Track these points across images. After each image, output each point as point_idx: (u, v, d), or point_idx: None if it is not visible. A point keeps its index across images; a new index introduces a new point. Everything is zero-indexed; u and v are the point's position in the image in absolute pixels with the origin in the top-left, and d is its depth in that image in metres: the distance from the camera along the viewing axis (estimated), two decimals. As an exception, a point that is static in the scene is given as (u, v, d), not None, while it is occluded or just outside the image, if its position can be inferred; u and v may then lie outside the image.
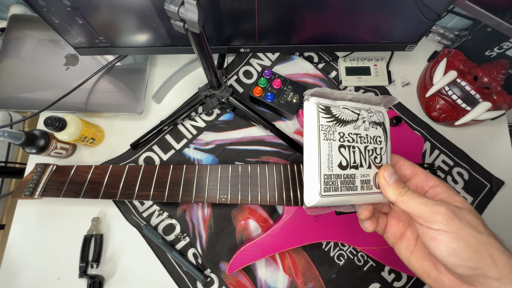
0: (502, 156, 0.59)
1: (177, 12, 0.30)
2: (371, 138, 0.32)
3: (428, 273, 0.28)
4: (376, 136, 0.32)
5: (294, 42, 0.54)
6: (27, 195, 0.50)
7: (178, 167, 0.52)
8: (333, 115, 0.30)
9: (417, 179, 0.31)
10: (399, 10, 0.47)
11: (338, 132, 0.30)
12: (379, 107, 0.34)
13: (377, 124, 0.32)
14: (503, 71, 0.51)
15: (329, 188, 0.29)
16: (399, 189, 0.29)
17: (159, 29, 0.49)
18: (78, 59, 0.61)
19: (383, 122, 0.33)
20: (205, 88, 0.53)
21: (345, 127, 0.30)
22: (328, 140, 0.30)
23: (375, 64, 0.63)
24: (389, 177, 0.30)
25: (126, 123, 0.61)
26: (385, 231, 0.33)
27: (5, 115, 1.03)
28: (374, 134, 0.32)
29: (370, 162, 0.31)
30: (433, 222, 0.25)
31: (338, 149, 0.30)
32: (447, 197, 0.28)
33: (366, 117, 0.32)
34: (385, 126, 0.33)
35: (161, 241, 0.52)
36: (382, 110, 0.33)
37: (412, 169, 0.32)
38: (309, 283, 0.51)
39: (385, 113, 0.34)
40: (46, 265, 0.53)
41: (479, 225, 0.25)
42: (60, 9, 0.44)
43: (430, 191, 0.30)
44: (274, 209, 0.55)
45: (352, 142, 0.31)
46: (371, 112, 0.32)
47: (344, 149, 0.30)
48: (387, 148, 0.33)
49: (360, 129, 0.31)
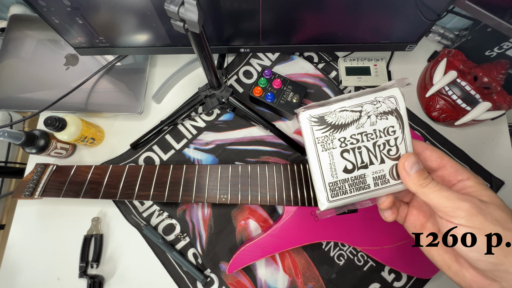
0: (502, 156, 0.59)
1: (177, 12, 0.30)
2: (380, 131, 0.30)
3: (449, 266, 0.28)
4: (387, 128, 0.30)
5: (294, 42, 0.54)
6: (27, 195, 0.50)
7: (178, 167, 0.52)
8: (329, 123, 0.30)
9: (445, 172, 0.29)
10: (399, 10, 0.47)
11: (338, 138, 0.30)
12: (390, 90, 0.31)
13: (387, 114, 0.30)
14: (503, 71, 0.51)
15: (336, 194, 0.29)
16: (420, 180, 0.27)
17: (159, 29, 0.49)
18: (78, 59, 0.61)
19: (396, 108, 0.30)
20: (205, 88, 0.53)
21: (346, 131, 0.30)
22: (327, 150, 0.29)
23: (375, 64, 0.63)
24: (410, 167, 0.28)
25: (126, 123, 0.61)
26: (405, 220, 0.32)
27: (5, 115, 1.03)
28: (385, 125, 0.30)
29: (383, 157, 0.30)
30: (454, 217, 0.25)
31: (340, 155, 0.30)
32: (475, 191, 0.27)
33: (371, 111, 0.30)
34: (399, 113, 0.30)
35: (161, 241, 0.52)
36: (394, 93, 0.30)
37: (440, 161, 0.29)
38: (309, 283, 0.51)
39: (398, 96, 0.30)
40: (46, 265, 0.53)
41: (507, 221, 0.24)
42: (60, 9, 0.44)
43: (458, 185, 0.28)
44: (274, 209, 0.55)
45: (356, 143, 0.30)
46: (378, 103, 0.30)
47: (348, 153, 0.30)
48: (405, 135, 0.30)
49: (365, 127, 0.30)
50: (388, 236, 0.49)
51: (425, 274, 0.49)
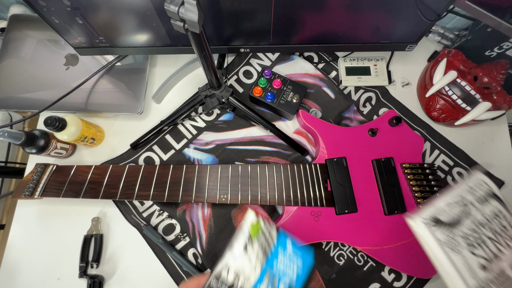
0: (502, 156, 0.59)
1: (177, 12, 0.30)
2: (490, 217, 0.28)
3: None
4: (494, 211, 0.28)
5: (294, 42, 0.54)
6: (27, 195, 0.50)
7: (178, 167, 0.52)
8: (444, 221, 0.27)
9: None
10: (399, 10, 0.47)
11: (460, 235, 0.27)
12: (475, 176, 0.30)
13: (487, 197, 0.29)
14: (503, 71, 0.51)
15: None
16: None
17: (159, 29, 0.49)
18: (78, 59, 0.61)
19: (492, 191, 0.29)
20: (205, 88, 0.53)
21: (462, 224, 0.28)
22: (456, 251, 0.27)
23: (375, 64, 0.63)
24: None
25: (126, 123, 0.61)
26: None
27: (5, 115, 1.03)
28: (491, 210, 0.29)
29: (507, 242, 0.28)
30: None
31: (470, 252, 0.27)
32: None
33: (472, 199, 0.28)
34: (495, 195, 0.29)
35: (161, 241, 0.52)
36: (481, 178, 0.30)
37: None
38: (309, 283, 0.51)
39: (486, 179, 0.30)
40: (46, 265, 0.53)
41: None
42: (60, 9, 0.44)
43: None
44: (274, 209, 0.55)
45: (477, 234, 0.27)
46: (473, 189, 0.29)
47: (475, 248, 0.27)
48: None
49: (476, 215, 0.28)
50: (388, 236, 0.49)
51: (425, 274, 0.49)
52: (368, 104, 0.61)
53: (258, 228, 0.30)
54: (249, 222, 0.30)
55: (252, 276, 0.28)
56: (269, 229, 0.30)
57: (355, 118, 0.60)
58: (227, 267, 0.28)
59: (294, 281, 0.30)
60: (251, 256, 0.29)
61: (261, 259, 0.29)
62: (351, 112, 0.60)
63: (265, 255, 0.29)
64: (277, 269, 0.29)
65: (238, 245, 0.29)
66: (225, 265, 0.28)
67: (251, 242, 0.29)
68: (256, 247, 0.29)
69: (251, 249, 0.29)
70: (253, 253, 0.29)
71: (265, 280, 0.29)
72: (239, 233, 0.29)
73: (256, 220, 0.30)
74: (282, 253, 0.30)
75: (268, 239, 0.30)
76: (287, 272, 0.29)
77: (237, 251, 0.29)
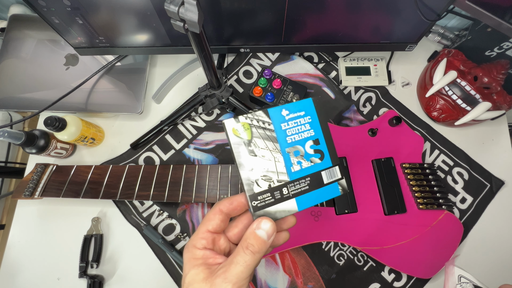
0: (502, 156, 0.59)
1: (177, 12, 0.30)
2: None
3: None
4: None
5: (294, 42, 0.54)
6: (27, 195, 0.50)
7: (178, 167, 0.52)
8: None
9: None
10: (399, 10, 0.47)
11: None
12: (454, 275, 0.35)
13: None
14: (503, 71, 0.51)
15: None
16: None
17: (159, 29, 0.49)
18: (78, 59, 0.61)
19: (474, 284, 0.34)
20: (205, 88, 0.53)
21: None
22: None
23: (375, 64, 0.63)
24: None
25: (126, 123, 0.61)
26: None
27: (5, 115, 1.03)
28: None
29: None
30: None
31: None
32: None
33: None
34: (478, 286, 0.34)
35: (161, 241, 0.52)
36: (460, 274, 0.36)
37: None
38: (309, 283, 0.51)
39: (464, 273, 0.36)
40: (46, 265, 0.53)
41: None
42: (60, 9, 0.44)
43: None
44: (274, 209, 0.55)
45: None
46: None
47: None
48: None
49: None
50: (388, 236, 0.49)
51: (425, 274, 0.49)
52: (368, 104, 0.61)
53: (246, 126, 0.27)
54: (231, 132, 0.26)
55: (280, 166, 0.26)
56: (256, 115, 0.27)
57: (355, 118, 0.60)
58: (253, 182, 0.26)
59: (313, 134, 0.28)
60: (263, 154, 0.27)
61: (273, 146, 0.27)
62: (351, 112, 0.60)
63: (273, 141, 0.27)
64: (293, 139, 0.27)
65: (243, 158, 0.26)
66: (250, 182, 0.26)
67: (251, 144, 0.27)
68: (259, 142, 0.27)
69: (257, 149, 0.27)
70: (262, 150, 0.27)
71: (292, 158, 0.27)
72: (233, 149, 0.26)
73: (236, 123, 0.26)
74: (284, 124, 0.27)
75: (263, 125, 0.27)
76: (301, 133, 0.28)
77: (246, 164, 0.26)
